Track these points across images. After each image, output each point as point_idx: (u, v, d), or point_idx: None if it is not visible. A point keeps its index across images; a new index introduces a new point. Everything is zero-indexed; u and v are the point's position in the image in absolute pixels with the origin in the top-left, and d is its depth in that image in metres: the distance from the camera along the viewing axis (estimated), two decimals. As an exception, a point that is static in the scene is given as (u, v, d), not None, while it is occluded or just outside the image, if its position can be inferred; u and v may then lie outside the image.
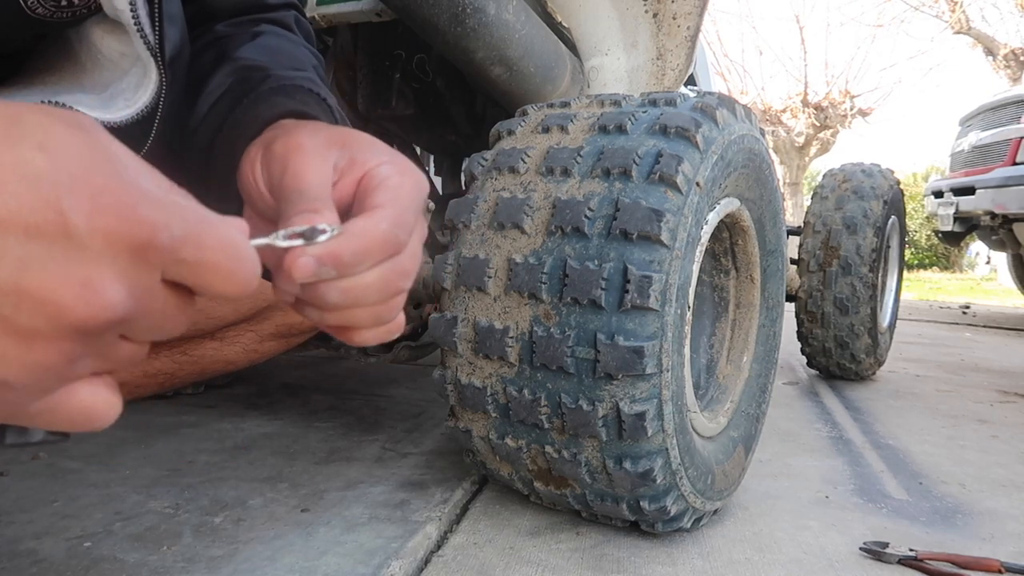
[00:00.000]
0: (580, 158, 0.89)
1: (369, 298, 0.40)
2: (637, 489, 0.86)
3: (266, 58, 0.61)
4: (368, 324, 0.42)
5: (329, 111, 0.57)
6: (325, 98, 0.57)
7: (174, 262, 0.30)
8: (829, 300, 2.01)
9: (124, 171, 0.29)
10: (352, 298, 0.39)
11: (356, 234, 0.38)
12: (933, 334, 3.83)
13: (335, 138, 0.45)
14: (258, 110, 0.53)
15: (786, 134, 12.81)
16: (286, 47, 0.65)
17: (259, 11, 0.69)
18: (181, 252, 0.29)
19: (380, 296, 0.40)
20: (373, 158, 0.44)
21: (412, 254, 0.43)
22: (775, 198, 1.12)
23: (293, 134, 0.45)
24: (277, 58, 0.62)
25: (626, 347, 0.78)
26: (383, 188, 0.42)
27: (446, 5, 1.02)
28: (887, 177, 2.15)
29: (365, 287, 0.39)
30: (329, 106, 0.57)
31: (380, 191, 0.42)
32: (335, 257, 0.36)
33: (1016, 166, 3.75)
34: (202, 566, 0.82)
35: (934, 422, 1.76)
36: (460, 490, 1.10)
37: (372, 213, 0.40)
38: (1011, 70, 11.06)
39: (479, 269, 0.88)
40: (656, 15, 1.38)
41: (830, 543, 0.99)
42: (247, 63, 0.60)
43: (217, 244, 0.31)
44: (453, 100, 1.51)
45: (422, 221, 0.45)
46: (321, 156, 0.43)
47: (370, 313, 0.41)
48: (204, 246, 0.30)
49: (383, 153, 0.45)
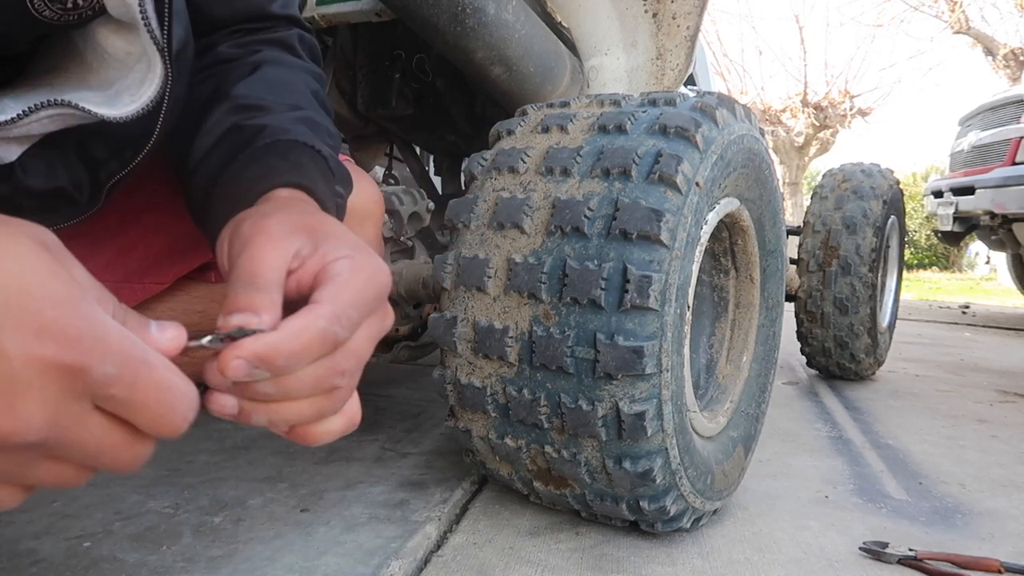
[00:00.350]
0: (580, 158, 0.89)
1: (302, 392, 0.39)
2: (637, 489, 0.86)
3: (264, 94, 0.61)
4: (310, 418, 0.41)
5: (323, 161, 0.57)
6: (320, 150, 0.57)
7: (104, 397, 0.31)
8: (829, 300, 2.01)
9: (71, 296, 0.30)
10: (284, 392, 0.39)
11: (289, 335, 0.38)
12: (933, 334, 3.83)
13: (304, 226, 0.45)
14: (251, 176, 0.53)
15: (786, 134, 12.80)
16: (284, 78, 0.65)
17: (261, 22, 0.69)
18: (111, 389, 0.30)
19: (314, 391, 0.40)
20: (335, 251, 0.43)
21: (353, 352, 0.42)
22: (775, 198, 1.12)
23: (264, 218, 0.45)
24: (275, 94, 0.62)
25: (626, 347, 0.78)
26: (330, 284, 0.41)
27: (446, 5, 1.02)
28: (887, 177, 2.15)
29: (298, 383, 0.39)
30: (324, 156, 0.57)
31: (327, 287, 0.41)
32: (266, 360, 0.36)
33: (1016, 166, 3.75)
34: (202, 566, 0.82)
35: (934, 422, 1.76)
36: (460, 490, 1.10)
37: (311, 310, 0.40)
38: (1010, 70, 11.06)
39: (479, 269, 0.88)
40: (656, 15, 1.38)
41: (830, 543, 0.99)
42: (245, 102, 0.60)
43: (151, 387, 0.32)
44: (453, 100, 1.51)
45: (377, 317, 0.45)
46: (282, 244, 0.43)
47: (309, 406, 0.41)
48: (136, 387, 0.31)
49: (347, 247, 0.44)
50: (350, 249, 0.44)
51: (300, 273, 0.43)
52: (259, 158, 0.55)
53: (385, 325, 0.47)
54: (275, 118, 0.59)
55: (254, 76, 0.63)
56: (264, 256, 0.41)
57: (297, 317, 0.39)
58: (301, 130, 0.59)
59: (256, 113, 0.60)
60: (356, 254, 0.44)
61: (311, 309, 0.40)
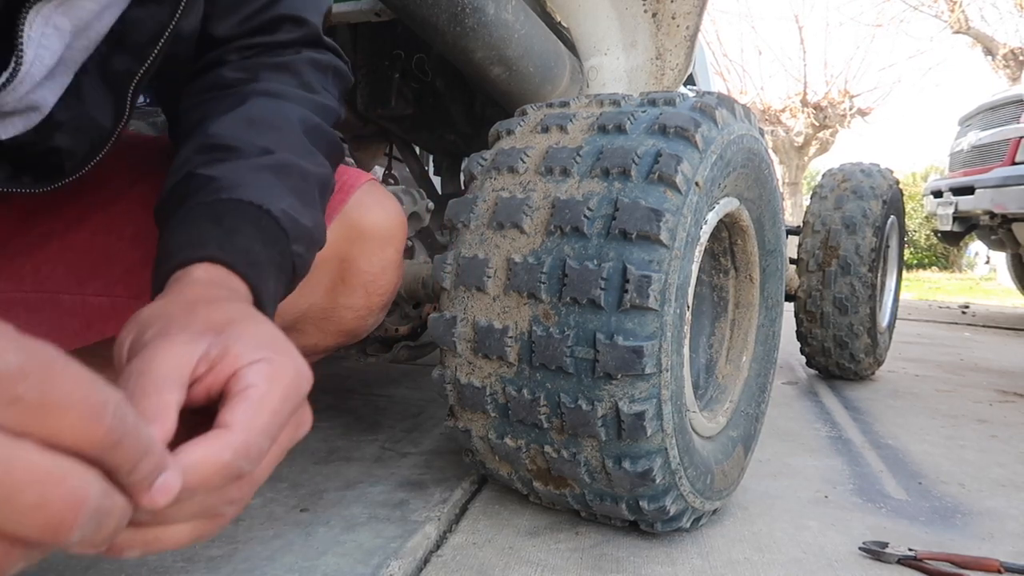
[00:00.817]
0: (579, 158, 0.89)
1: (180, 518, 0.35)
2: (636, 489, 0.86)
3: (240, 133, 0.59)
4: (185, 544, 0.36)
5: (271, 222, 0.54)
6: (269, 209, 0.54)
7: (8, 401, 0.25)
8: (828, 300, 2.01)
9: None
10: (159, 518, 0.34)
11: (187, 469, 0.33)
12: (932, 334, 3.84)
13: (214, 323, 0.41)
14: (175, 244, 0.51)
15: (785, 134, 12.81)
16: (270, 113, 0.62)
17: (270, 33, 0.68)
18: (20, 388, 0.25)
19: (196, 517, 0.36)
20: (248, 353, 0.39)
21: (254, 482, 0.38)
22: (774, 198, 1.12)
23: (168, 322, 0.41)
24: (252, 133, 0.60)
25: (625, 347, 0.78)
26: (243, 403, 0.37)
27: (445, 5, 1.01)
28: (886, 177, 2.15)
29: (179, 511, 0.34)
30: (273, 216, 0.54)
31: (239, 406, 0.37)
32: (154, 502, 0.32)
33: (1015, 166, 3.75)
34: (201, 566, 0.82)
35: (933, 422, 1.76)
36: (459, 490, 1.10)
37: (218, 438, 0.35)
38: (1010, 70, 11.06)
39: (478, 269, 0.88)
40: (655, 15, 1.38)
41: (829, 543, 0.99)
42: (214, 141, 0.58)
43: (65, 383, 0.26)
44: (452, 100, 1.51)
45: (291, 428, 0.41)
46: (185, 348, 0.38)
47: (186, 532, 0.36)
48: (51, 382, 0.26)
49: (262, 347, 0.40)
50: (268, 350, 0.40)
51: (209, 379, 0.38)
52: (191, 221, 0.52)
53: (299, 434, 0.43)
54: (233, 168, 0.57)
55: (237, 112, 0.61)
56: (160, 358, 0.37)
57: (200, 445, 0.34)
58: (258, 183, 0.56)
59: (221, 155, 0.57)
60: (275, 356, 0.40)
61: (218, 436, 0.35)
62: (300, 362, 0.42)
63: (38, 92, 0.54)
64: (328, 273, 0.79)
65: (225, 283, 0.49)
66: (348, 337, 0.86)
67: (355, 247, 0.79)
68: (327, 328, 0.83)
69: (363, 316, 0.85)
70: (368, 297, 0.83)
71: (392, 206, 0.84)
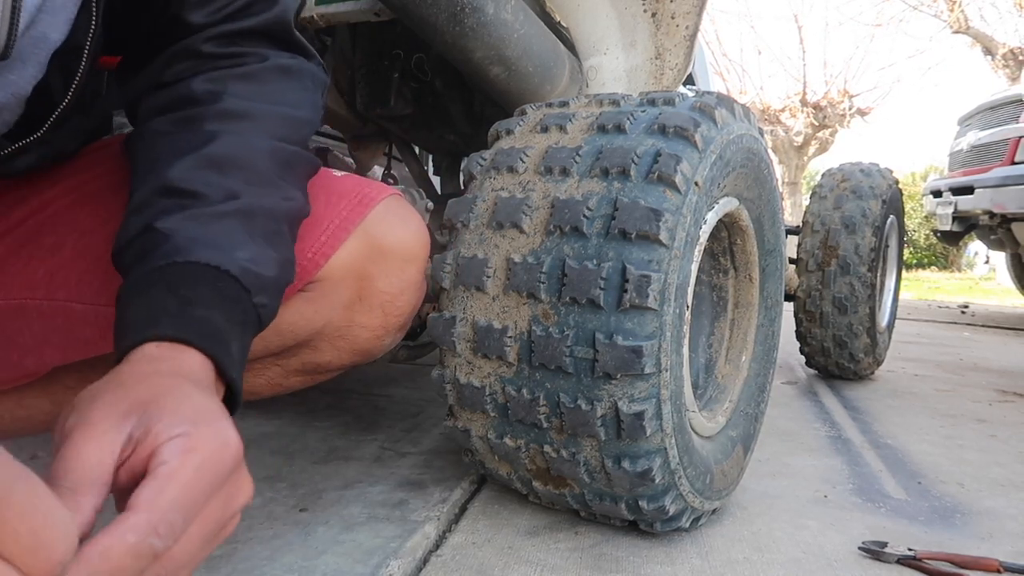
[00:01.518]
0: (579, 158, 0.89)
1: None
2: (636, 489, 0.86)
3: (205, 176, 0.58)
4: None
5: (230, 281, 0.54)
6: (228, 270, 0.54)
7: None
8: (828, 299, 2.01)
9: None
10: None
11: (97, 558, 0.33)
12: (932, 333, 3.84)
13: (140, 401, 0.41)
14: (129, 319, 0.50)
15: (785, 133, 12.81)
16: (234, 154, 0.61)
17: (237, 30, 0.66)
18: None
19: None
20: (168, 430, 0.39)
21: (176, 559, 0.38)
22: (774, 197, 1.12)
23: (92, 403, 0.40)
24: (217, 176, 0.59)
25: (625, 347, 0.78)
26: (150, 482, 0.37)
27: (444, 4, 1.01)
28: (886, 176, 2.15)
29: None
30: (232, 276, 0.54)
31: (146, 486, 0.37)
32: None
33: (1015, 165, 3.75)
34: (201, 565, 0.82)
35: (933, 421, 1.76)
36: (459, 490, 1.09)
37: (121, 523, 0.35)
38: (1010, 69, 11.06)
39: (478, 269, 0.88)
40: (655, 14, 1.38)
41: (829, 542, 0.99)
42: (177, 185, 0.57)
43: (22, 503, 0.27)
44: (452, 99, 1.51)
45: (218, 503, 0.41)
46: (106, 437, 0.38)
47: None
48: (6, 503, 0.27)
49: (183, 422, 0.40)
50: (188, 424, 0.40)
51: (132, 461, 0.38)
52: (146, 291, 0.52)
53: (232, 506, 0.42)
54: (193, 218, 0.56)
55: (202, 153, 0.60)
56: (82, 451, 0.37)
57: (106, 532, 0.34)
58: (219, 235, 0.55)
59: (183, 202, 0.57)
60: (194, 430, 0.40)
61: (122, 520, 0.35)
62: (226, 432, 0.42)
63: None
64: (346, 290, 0.77)
65: (175, 358, 0.48)
66: (363, 356, 0.84)
67: (375, 265, 0.77)
68: (341, 346, 0.81)
69: (379, 336, 0.82)
70: (385, 317, 0.81)
71: (416, 223, 0.81)
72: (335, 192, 0.77)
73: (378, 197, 0.77)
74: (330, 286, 0.76)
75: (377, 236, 0.76)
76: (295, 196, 0.65)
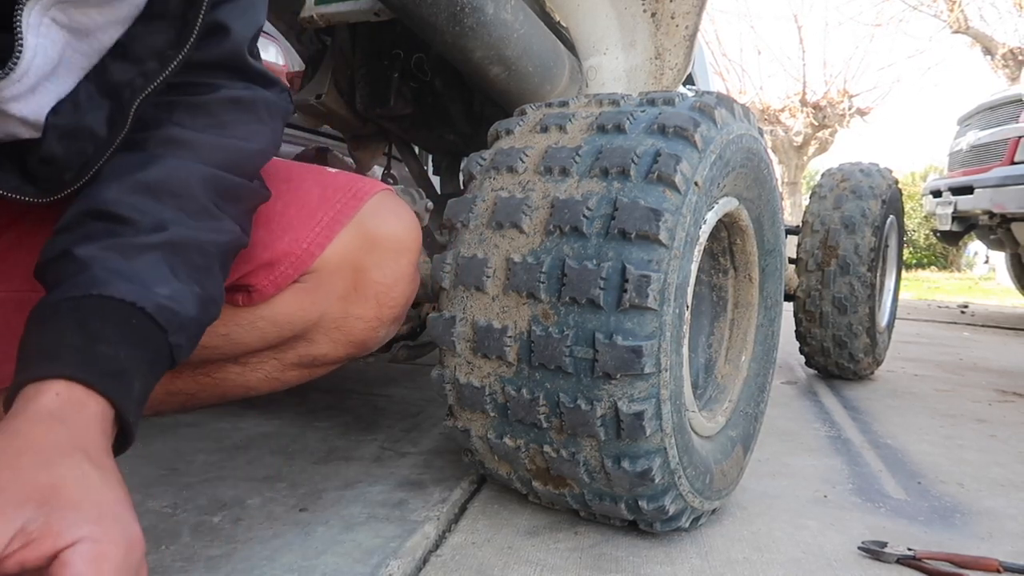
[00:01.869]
0: (578, 157, 0.89)
1: None
2: (635, 489, 0.86)
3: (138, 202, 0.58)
4: None
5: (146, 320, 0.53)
6: (143, 307, 0.53)
7: None
8: (827, 299, 2.01)
9: None
10: None
11: None
12: (931, 333, 3.84)
13: (38, 488, 0.40)
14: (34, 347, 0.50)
15: (784, 133, 12.81)
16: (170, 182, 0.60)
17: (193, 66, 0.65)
18: None
19: None
20: (70, 531, 0.38)
21: None
22: (773, 197, 1.12)
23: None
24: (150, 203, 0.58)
25: (624, 347, 0.78)
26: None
27: (444, 4, 1.01)
28: (885, 176, 2.15)
29: None
30: (147, 313, 0.53)
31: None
32: None
33: (1014, 165, 3.75)
34: (200, 565, 0.82)
35: (932, 421, 1.76)
36: (458, 489, 1.09)
37: None
38: (1009, 69, 11.06)
39: (477, 268, 0.88)
40: (654, 14, 1.38)
41: (828, 542, 0.99)
42: (107, 209, 0.57)
43: None
44: (451, 99, 1.51)
45: None
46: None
47: None
48: None
49: (87, 521, 0.39)
50: (93, 523, 0.39)
51: (26, 554, 0.38)
52: (55, 322, 0.51)
53: None
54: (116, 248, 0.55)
55: (138, 177, 0.59)
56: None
57: None
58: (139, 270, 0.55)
59: (109, 227, 0.56)
60: (101, 532, 0.39)
61: None
62: (130, 528, 0.41)
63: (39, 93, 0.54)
64: (341, 281, 0.78)
65: (73, 414, 0.47)
66: (358, 348, 0.85)
67: (369, 257, 0.79)
68: (337, 338, 0.82)
69: (374, 327, 0.84)
70: (380, 308, 0.83)
71: (407, 216, 0.83)
72: (329, 186, 0.79)
73: (371, 191, 0.79)
74: (325, 276, 0.76)
75: (371, 228, 0.78)
76: (231, 229, 0.64)
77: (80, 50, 0.54)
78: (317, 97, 1.49)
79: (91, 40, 0.54)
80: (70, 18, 0.52)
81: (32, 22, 0.50)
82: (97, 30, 0.54)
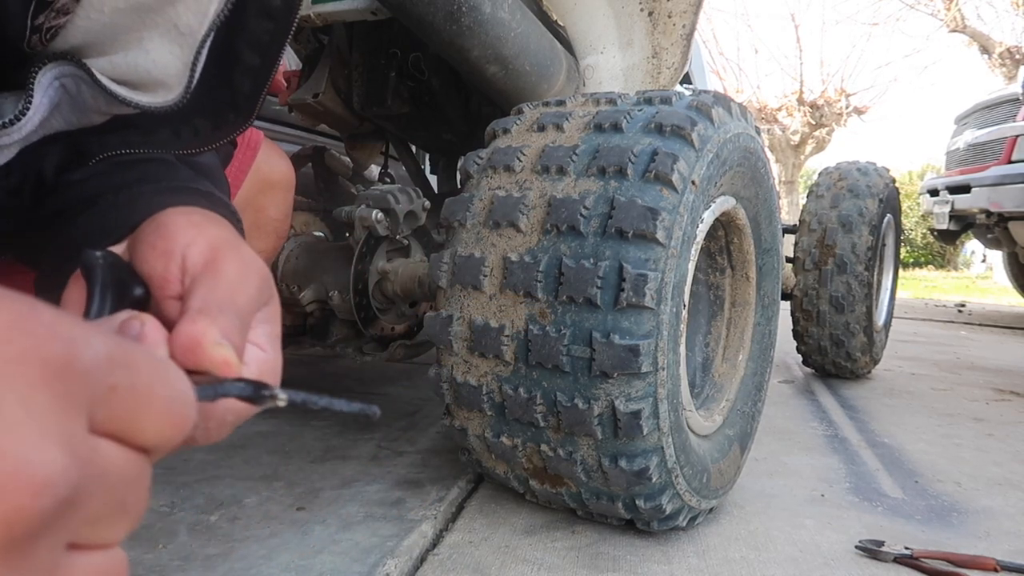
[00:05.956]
0: (576, 156, 0.88)
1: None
2: (633, 487, 0.86)
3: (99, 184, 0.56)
4: None
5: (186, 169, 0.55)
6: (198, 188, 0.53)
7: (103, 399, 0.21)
8: (825, 298, 2.01)
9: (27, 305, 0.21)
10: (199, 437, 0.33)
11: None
12: (929, 332, 3.84)
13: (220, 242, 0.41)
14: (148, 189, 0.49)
15: (782, 132, 12.82)
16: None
17: None
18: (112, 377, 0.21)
19: None
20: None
21: None
22: (771, 196, 1.12)
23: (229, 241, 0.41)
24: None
25: (622, 345, 0.78)
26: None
27: (441, 3, 1.01)
28: (883, 175, 2.16)
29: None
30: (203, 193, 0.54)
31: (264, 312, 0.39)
32: None
33: (1011, 164, 3.76)
34: (198, 564, 0.82)
35: (929, 420, 1.76)
36: (456, 488, 1.09)
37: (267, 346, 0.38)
38: (1006, 68, 11.08)
39: (475, 267, 0.88)
40: (651, 13, 1.38)
41: (826, 541, 0.99)
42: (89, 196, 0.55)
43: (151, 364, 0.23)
44: (448, 98, 1.51)
45: None
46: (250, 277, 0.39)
47: None
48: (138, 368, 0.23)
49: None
50: None
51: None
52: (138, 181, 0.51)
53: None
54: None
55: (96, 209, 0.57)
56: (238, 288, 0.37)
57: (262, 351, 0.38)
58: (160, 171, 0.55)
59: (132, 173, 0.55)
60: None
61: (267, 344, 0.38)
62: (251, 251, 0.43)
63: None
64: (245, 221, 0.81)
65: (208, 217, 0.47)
66: None
67: (266, 196, 0.87)
68: None
69: (269, 259, 0.92)
70: (277, 240, 0.91)
71: (285, 157, 0.91)
72: None
73: (260, 138, 0.85)
74: None
75: (267, 172, 0.86)
76: None
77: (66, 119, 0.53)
78: (314, 96, 1.49)
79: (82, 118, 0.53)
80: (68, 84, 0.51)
81: (44, 80, 0.50)
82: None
